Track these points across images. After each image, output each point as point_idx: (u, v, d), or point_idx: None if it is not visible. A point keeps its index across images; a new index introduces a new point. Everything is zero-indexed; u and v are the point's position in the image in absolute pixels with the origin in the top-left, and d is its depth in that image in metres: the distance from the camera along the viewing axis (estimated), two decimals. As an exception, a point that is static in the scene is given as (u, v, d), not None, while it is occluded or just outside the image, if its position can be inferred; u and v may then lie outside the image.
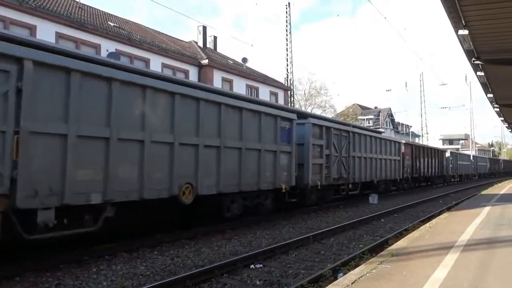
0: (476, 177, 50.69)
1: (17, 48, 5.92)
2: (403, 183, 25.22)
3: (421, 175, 28.91)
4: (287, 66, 33.77)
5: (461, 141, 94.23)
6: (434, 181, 33.01)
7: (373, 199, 17.79)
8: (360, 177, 17.70)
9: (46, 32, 17.92)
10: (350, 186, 16.85)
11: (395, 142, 23.27)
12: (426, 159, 29.59)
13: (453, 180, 39.83)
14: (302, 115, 15.45)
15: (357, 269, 5.60)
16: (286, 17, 33.62)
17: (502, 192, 22.15)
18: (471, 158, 46.90)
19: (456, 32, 9.86)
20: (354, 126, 20.03)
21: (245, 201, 10.90)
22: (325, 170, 14.71)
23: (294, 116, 12.72)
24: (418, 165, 27.72)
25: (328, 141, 14.93)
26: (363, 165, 17.97)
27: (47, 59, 6.21)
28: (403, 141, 26.02)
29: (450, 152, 38.01)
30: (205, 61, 27.07)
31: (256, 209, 11.51)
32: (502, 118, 28.29)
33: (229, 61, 31.49)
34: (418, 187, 28.92)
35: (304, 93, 46.80)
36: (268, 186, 11.35)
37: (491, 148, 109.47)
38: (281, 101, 32.73)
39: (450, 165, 36.56)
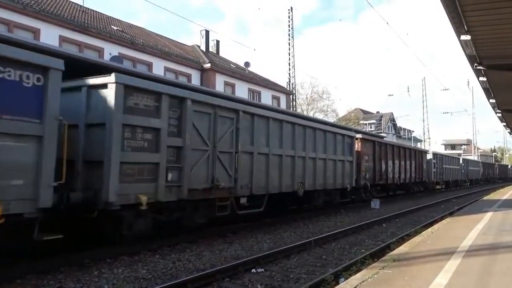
0: (468, 184, 44.65)
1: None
2: (361, 193, 18.67)
3: (390, 181, 21.87)
4: (289, 70, 33.85)
5: (463, 146, 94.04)
6: (410, 189, 25.95)
7: (375, 204, 17.75)
8: (267, 187, 11.37)
9: (50, 35, 18.04)
10: (242, 200, 10.86)
11: (343, 135, 16.10)
12: (398, 161, 22.77)
13: (438, 187, 33.82)
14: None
15: (358, 274, 5.60)
16: (289, 21, 33.73)
17: (504, 197, 22.07)
18: (461, 161, 40.87)
19: (459, 37, 9.87)
20: (249, 104, 12.38)
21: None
22: (171, 174, 8.34)
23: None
24: (384, 168, 20.78)
25: (181, 123, 8.63)
26: (276, 167, 11.79)
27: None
28: (358, 135, 18.32)
29: (433, 154, 31.10)
30: (208, 65, 27.16)
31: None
32: (505, 123, 28.24)
33: (231, 65, 31.58)
34: (391, 196, 23.68)
35: (306, 98, 46.81)
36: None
37: (494, 154, 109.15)
38: (283, 105, 32.78)
39: (433, 170, 30.07)
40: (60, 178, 6.27)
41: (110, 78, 7.30)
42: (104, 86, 7.40)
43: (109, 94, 7.30)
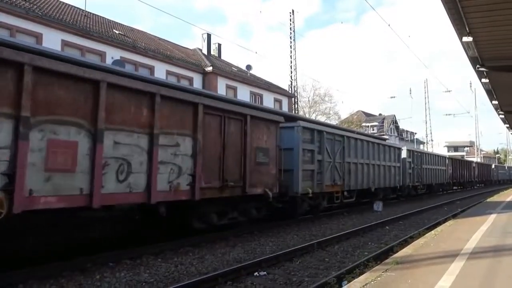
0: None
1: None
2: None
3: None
4: (291, 73, 33.86)
5: (466, 148, 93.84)
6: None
7: (378, 206, 17.69)
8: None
9: (52, 40, 18.12)
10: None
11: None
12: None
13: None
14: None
15: (361, 277, 5.56)
16: (290, 24, 33.79)
17: (508, 199, 21.97)
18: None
19: (460, 39, 9.86)
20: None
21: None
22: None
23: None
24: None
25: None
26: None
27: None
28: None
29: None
30: (209, 69, 27.21)
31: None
32: (508, 125, 28.17)
33: (233, 68, 31.62)
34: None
35: (308, 100, 46.81)
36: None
37: (497, 155, 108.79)
38: (285, 108, 32.78)
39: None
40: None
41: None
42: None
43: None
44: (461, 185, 40.55)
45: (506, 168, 71.24)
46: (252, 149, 10.44)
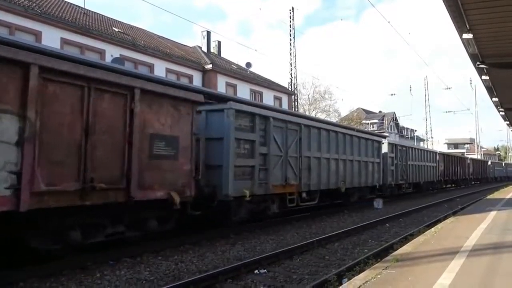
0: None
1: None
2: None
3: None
4: (291, 70, 33.82)
5: (466, 145, 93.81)
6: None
7: (378, 204, 17.71)
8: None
9: (51, 38, 18.07)
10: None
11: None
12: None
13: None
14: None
15: (361, 275, 5.57)
16: (290, 22, 33.71)
17: (508, 196, 21.99)
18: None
19: (461, 36, 9.82)
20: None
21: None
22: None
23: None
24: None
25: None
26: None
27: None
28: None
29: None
30: (209, 66, 27.17)
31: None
32: (508, 122, 28.15)
33: (233, 66, 31.57)
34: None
35: (308, 98, 46.78)
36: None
37: (497, 152, 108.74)
38: (285, 106, 32.75)
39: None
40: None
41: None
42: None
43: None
44: (454, 183, 38.13)
45: (503, 165, 67.89)
46: (144, 136, 7.50)
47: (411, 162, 24.32)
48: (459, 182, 39.07)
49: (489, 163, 55.15)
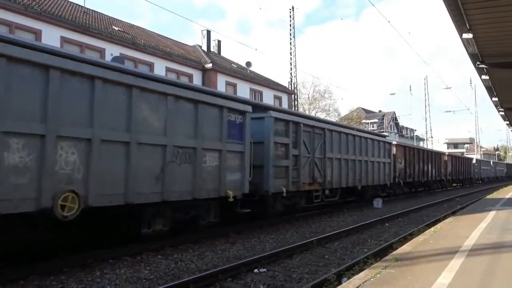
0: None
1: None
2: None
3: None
4: (291, 70, 33.78)
5: (466, 145, 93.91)
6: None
7: (378, 203, 17.72)
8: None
9: (51, 36, 18.06)
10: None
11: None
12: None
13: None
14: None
15: (361, 274, 5.58)
16: (290, 21, 33.67)
17: (507, 196, 22.01)
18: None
19: (460, 35, 9.83)
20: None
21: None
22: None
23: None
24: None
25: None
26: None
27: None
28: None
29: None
30: (209, 65, 27.16)
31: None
32: (507, 122, 28.15)
33: (233, 65, 31.56)
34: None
35: (308, 97, 46.77)
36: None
37: (497, 152, 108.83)
38: (285, 105, 32.75)
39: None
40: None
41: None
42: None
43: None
44: (424, 186, 28.90)
45: (492, 164, 57.09)
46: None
47: (334, 155, 15.02)
48: (432, 185, 30.42)
49: (474, 161, 45.78)
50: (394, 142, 22.84)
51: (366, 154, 17.45)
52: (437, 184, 32.13)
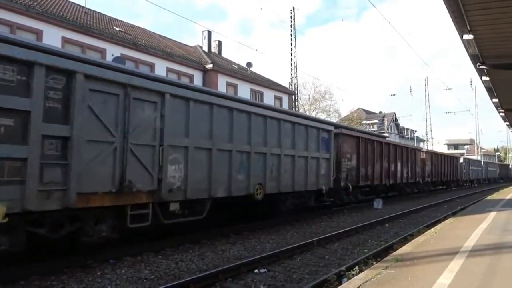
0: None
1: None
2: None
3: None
4: (292, 70, 33.78)
5: (466, 146, 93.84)
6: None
7: (378, 204, 17.72)
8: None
9: (52, 37, 18.07)
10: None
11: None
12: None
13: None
14: None
15: (361, 274, 5.59)
16: (291, 22, 33.67)
17: (508, 197, 22.00)
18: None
19: (461, 36, 9.82)
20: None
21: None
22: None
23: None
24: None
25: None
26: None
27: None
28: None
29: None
30: (210, 66, 27.17)
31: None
32: (508, 123, 28.13)
33: (233, 65, 31.57)
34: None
35: (309, 98, 46.73)
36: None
37: (497, 153, 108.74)
38: (285, 106, 32.74)
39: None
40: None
41: None
42: None
43: None
44: (391, 190, 22.73)
45: (483, 164, 51.00)
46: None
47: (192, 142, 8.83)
48: (403, 189, 24.02)
49: (461, 160, 39.43)
50: (336, 131, 15.39)
51: (277, 145, 11.27)
52: (411, 188, 25.34)
